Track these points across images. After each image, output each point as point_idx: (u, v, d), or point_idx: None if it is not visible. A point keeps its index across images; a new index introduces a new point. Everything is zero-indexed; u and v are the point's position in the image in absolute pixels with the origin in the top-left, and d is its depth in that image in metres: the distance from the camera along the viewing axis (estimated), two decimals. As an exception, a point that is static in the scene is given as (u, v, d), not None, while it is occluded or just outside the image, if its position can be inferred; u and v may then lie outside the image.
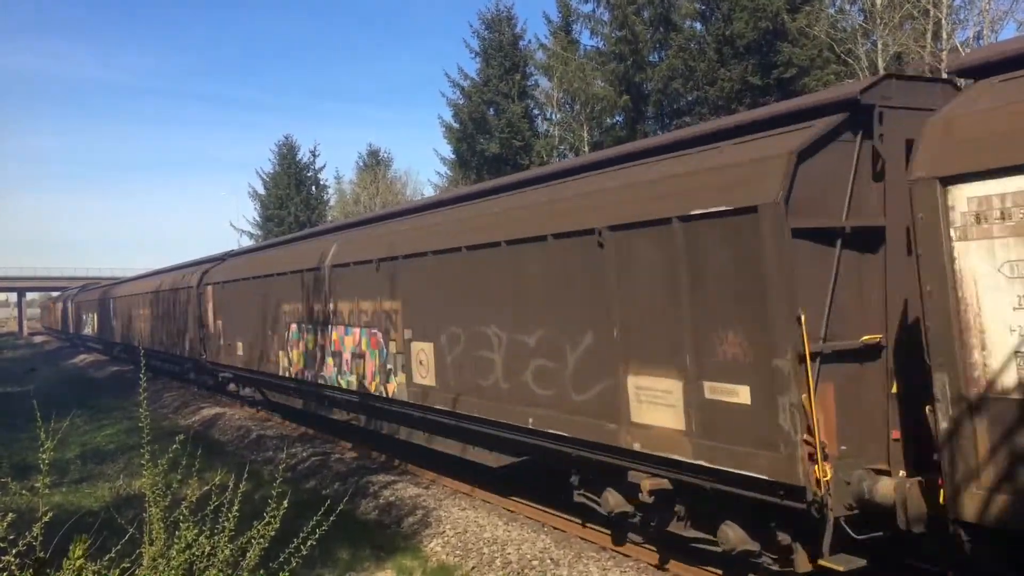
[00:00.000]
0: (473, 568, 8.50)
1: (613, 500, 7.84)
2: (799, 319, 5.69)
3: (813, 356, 5.76)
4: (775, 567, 6.64)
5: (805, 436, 5.69)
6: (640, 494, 7.24)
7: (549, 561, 8.36)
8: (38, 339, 77.40)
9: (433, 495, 11.22)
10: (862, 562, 6.00)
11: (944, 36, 22.20)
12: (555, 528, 9.55)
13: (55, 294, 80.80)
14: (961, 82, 6.44)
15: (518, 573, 8.20)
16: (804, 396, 5.70)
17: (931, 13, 22.02)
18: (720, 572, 7.59)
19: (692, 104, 29.91)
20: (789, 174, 5.81)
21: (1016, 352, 4.65)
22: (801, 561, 6.24)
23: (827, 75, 24.95)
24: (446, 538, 9.41)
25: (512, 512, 10.32)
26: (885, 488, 5.73)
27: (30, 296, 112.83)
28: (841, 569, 5.91)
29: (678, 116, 30.39)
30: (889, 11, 22.92)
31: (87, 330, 46.63)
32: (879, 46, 23.08)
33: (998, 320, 4.73)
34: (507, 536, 9.22)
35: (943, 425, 4.98)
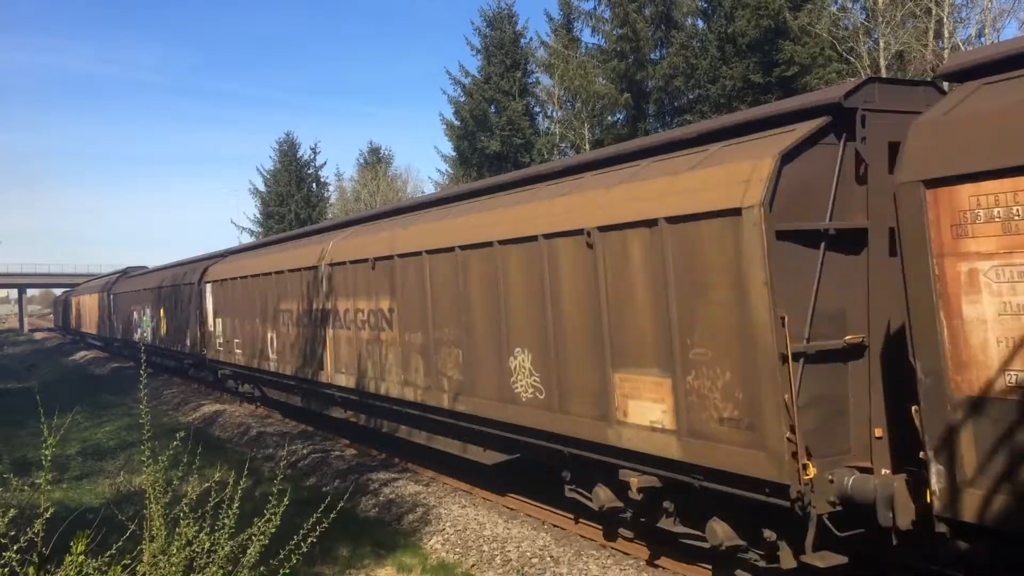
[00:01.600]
0: (473, 566, 8.51)
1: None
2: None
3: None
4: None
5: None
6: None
7: (549, 559, 8.36)
8: (39, 335, 77.47)
9: (433, 492, 11.23)
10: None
11: (946, 34, 22.19)
12: (555, 526, 9.55)
13: (58, 291, 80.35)
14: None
15: (518, 571, 8.21)
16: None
17: (933, 11, 22.01)
18: (719, 572, 7.60)
19: (694, 102, 29.89)
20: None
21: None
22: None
23: (829, 73, 24.93)
24: (446, 535, 9.42)
25: (512, 510, 10.33)
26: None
27: (30, 292, 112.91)
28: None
29: (679, 114, 30.37)
30: (891, 9, 22.91)
31: (143, 334, 29.63)
32: (881, 44, 23.07)
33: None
34: (507, 534, 9.23)
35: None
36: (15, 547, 4.08)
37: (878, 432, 6.00)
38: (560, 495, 9.14)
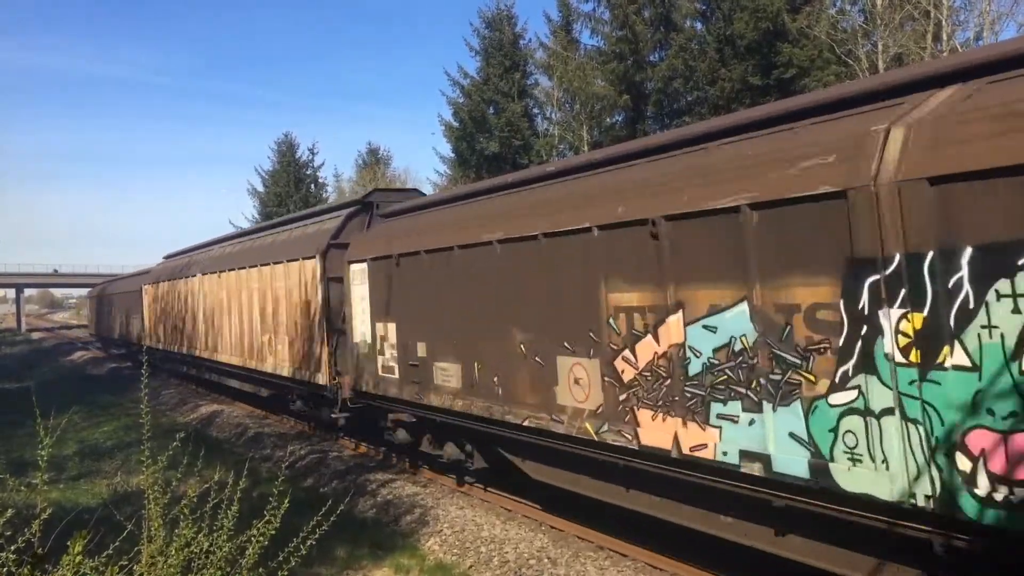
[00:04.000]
0: (471, 567, 8.51)
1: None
2: None
3: None
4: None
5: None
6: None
7: (547, 560, 8.36)
8: (36, 335, 77.35)
9: (431, 494, 11.23)
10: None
11: (944, 37, 22.23)
12: (552, 527, 9.55)
13: (57, 292, 79.52)
14: None
15: (516, 572, 8.20)
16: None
17: (931, 14, 22.04)
18: (717, 573, 7.62)
19: (692, 104, 29.92)
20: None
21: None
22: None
23: (827, 75, 24.96)
24: (444, 536, 9.42)
25: (510, 511, 10.33)
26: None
27: (28, 292, 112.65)
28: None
29: (678, 116, 30.40)
30: (889, 12, 22.95)
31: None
32: (879, 47, 23.11)
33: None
34: (505, 535, 9.23)
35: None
36: (12, 547, 4.07)
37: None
38: (558, 496, 9.14)
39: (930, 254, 4.74)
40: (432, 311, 10.32)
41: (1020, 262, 4.37)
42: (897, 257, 4.89)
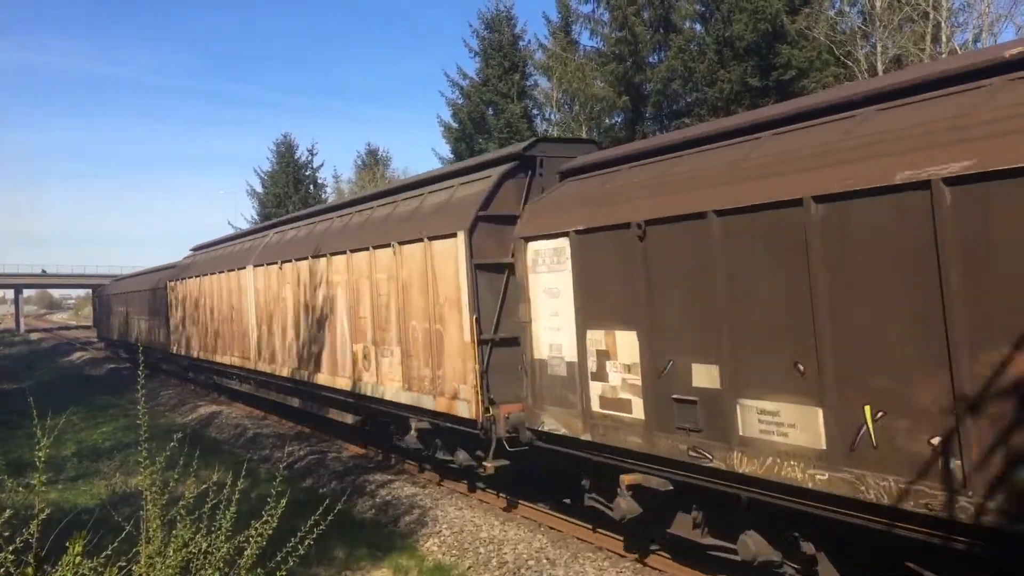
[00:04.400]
0: (469, 567, 8.50)
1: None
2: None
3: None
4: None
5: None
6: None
7: (545, 561, 8.36)
8: (35, 335, 77.27)
9: (430, 494, 11.22)
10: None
11: (943, 39, 22.25)
12: (552, 528, 9.55)
13: (55, 293, 79.44)
14: None
15: (514, 573, 8.20)
16: None
17: (931, 16, 22.06)
18: (715, 573, 7.60)
19: (691, 105, 29.92)
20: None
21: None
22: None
23: (826, 77, 24.98)
24: (443, 537, 9.41)
25: (508, 512, 10.32)
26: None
27: (27, 293, 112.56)
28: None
29: (677, 117, 30.39)
30: (888, 13, 22.97)
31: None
32: (878, 48, 23.12)
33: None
34: (504, 536, 9.23)
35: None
36: (11, 548, 4.07)
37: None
38: (556, 497, 9.12)
39: None
40: (732, 313, 6.40)
41: None
42: None
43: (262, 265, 16.94)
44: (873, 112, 5.98)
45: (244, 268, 18.05)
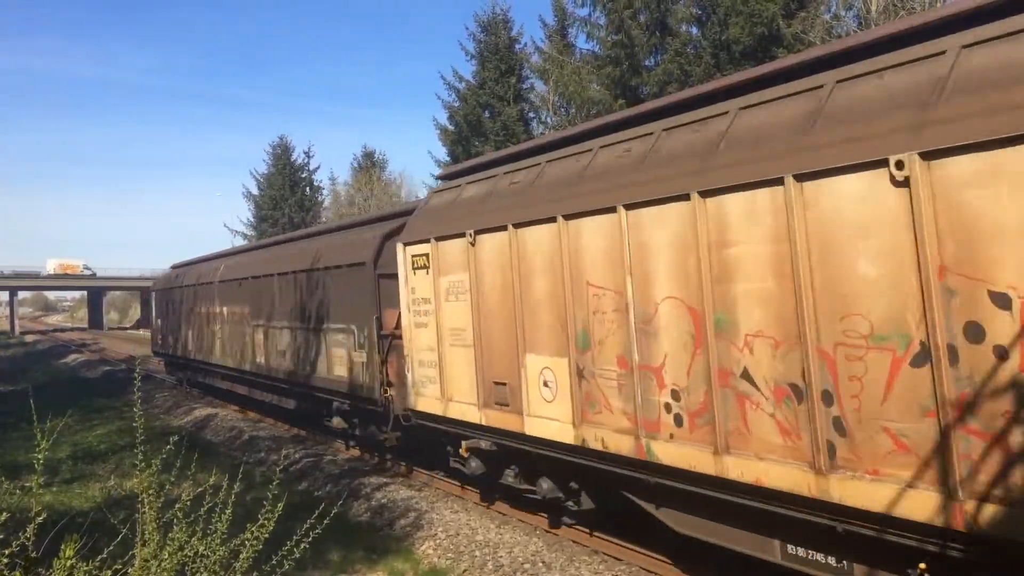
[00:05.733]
0: (465, 571, 8.50)
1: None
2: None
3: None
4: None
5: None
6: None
7: (541, 564, 8.36)
8: (30, 338, 77.03)
9: (425, 497, 11.21)
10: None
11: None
12: (547, 531, 9.55)
13: (51, 295, 78.78)
14: None
15: (510, 576, 8.20)
16: None
17: (925, 20, 22.10)
18: (710, 573, 7.62)
19: (687, 108, 29.98)
20: None
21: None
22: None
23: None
24: (438, 541, 9.41)
25: (504, 515, 10.32)
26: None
27: (22, 295, 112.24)
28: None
29: (673, 120, 30.46)
30: (884, 17, 23.03)
31: None
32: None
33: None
34: (499, 539, 9.23)
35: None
36: (7, 551, 4.06)
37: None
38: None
39: None
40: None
41: None
42: None
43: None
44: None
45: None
